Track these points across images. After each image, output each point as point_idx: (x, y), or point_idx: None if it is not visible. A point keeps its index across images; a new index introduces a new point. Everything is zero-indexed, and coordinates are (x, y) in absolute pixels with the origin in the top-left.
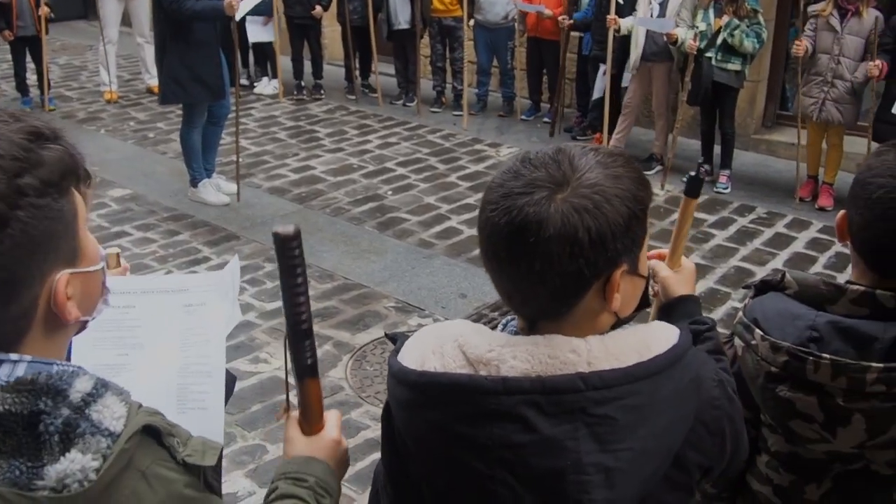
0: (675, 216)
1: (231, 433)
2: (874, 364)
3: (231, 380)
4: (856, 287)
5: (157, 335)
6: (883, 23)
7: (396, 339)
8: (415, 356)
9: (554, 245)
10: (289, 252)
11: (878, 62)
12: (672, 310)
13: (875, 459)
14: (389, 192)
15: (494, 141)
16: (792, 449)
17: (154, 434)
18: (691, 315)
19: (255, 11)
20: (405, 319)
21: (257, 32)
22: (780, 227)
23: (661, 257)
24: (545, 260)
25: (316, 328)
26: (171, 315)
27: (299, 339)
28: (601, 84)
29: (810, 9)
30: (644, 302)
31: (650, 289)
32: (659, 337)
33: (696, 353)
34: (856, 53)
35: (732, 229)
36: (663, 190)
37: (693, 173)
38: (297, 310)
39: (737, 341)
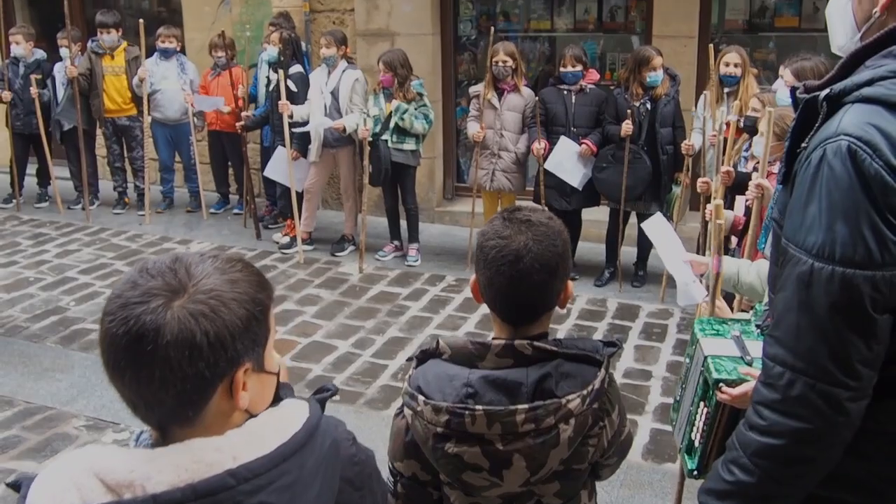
0: (371, 294)
1: None
2: (520, 406)
3: None
4: (498, 341)
5: None
6: (534, 99)
7: (20, 486)
8: (46, 500)
9: (172, 350)
10: None
11: (543, 144)
12: None
13: (544, 493)
14: (72, 303)
15: (184, 238)
16: (472, 500)
17: None
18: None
19: None
20: (99, 437)
21: None
22: (468, 292)
23: None
24: (164, 366)
25: None
26: None
27: None
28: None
29: (471, 90)
30: (277, 397)
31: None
32: (291, 415)
33: (328, 419)
34: (515, 127)
35: (425, 299)
36: (361, 272)
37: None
38: None
39: (406, 411)
